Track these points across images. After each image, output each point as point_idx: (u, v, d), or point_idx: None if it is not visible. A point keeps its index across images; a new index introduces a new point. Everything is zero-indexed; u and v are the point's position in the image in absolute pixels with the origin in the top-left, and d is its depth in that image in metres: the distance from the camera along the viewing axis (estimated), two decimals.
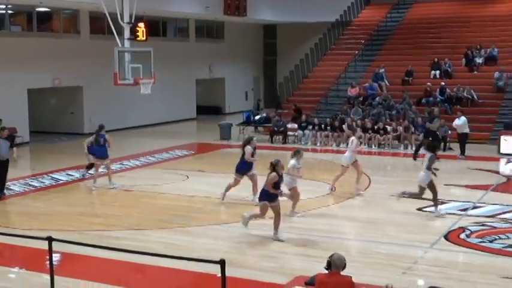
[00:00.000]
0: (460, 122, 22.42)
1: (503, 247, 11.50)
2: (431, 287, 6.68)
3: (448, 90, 27.37)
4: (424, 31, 32.84)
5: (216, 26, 37.85)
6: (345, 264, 7.00)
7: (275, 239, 11.91)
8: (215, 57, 37.09)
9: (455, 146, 22.97)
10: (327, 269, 7.01)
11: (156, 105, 31.65)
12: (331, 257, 7.05)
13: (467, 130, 22.39)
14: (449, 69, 29.23)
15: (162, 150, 23.87)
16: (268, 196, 11.88)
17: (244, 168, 15.14)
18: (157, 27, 32.99)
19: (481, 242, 11.85)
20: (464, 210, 14.18)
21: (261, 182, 12.47)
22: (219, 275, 6.75)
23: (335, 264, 6.96)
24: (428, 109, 26.17)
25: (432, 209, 13.93)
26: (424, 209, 14.37)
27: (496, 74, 27.58)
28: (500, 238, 12.06)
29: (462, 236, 12.27)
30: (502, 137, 22.75)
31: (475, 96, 26.87)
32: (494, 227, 12.81)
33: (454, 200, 15.34)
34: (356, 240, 12.14)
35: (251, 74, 41.28)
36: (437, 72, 29.22)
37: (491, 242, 11.85)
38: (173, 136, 28.65)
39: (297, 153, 13.91)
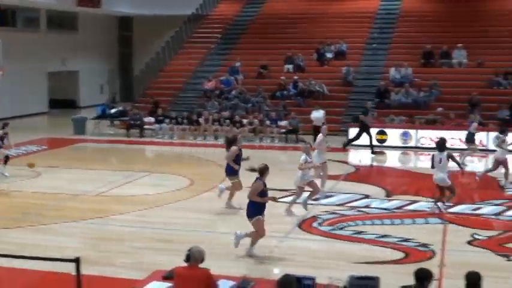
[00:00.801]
0: (319, 115, 23.31)
1: (352, 234, 12.11)
2: (285, 275, 6.90)
3: (300, 83, 28.31)
4: (278, 26, 33.60)
5: (69, 17, 36.66)
6: (204, 257, 7.10)
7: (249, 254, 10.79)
8: (68, 49, 35.92)
9: (308, 138, 23.80)
10: (186, 261, 7.07)
11: (5, 98, 30.17)
12: (190, 250, 7.12)
13: (323, 122, 23.32)
14: (301, 63, 30.21)
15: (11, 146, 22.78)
16: (260, 209, 10.68)
17: (233, 168, 14.08)
18: (5, 16, 31.43)
19: (332, 229, 12.40)
20: (317, 199, 14.73)
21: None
22: (74, 273, 6.59)
23: (194, 257, 7.05)
24: (284, 102, 26.99)
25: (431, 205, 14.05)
26: (279, 200, 14.78)
27: (344, 69, 28.88)
28: (349, 225, 12.68)
29: (315, 224, 12.78)
30: (351, 129, 23.87)
31: (326, 90, 28.00)
32: (344, 215, 13.44)
33: (307, 190, 15.87)
34: (213, 232, 12.29)
35: (106, 67, 40.43)
36: (291, 66, 30.10)
37: (341, 229, 12.42)
38: (24, 131, 27.35)
39: (306, 148, 14.04)
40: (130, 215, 13.57)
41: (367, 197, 15.23)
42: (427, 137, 23.10)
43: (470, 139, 20.51)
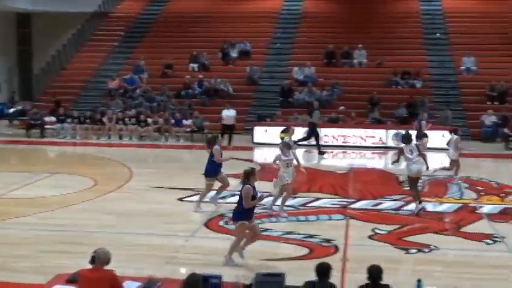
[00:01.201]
0: (230, 114, 23.43)
1: (259, 231, 12.20)
2: (192, 274, 6.92)
3: (206, 82, 28.32)
4: (182, 24, 33.45)
5: None
6: (110, 258, 7.01)
7: (229, 263, 10.15)
8: None
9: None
10: (91, 263, 6.97)
11: None
12: (95, 251, 7.02)
13: (233, 121, 23.48)
14: (206, 62, 30.23)
15: None
16: (246, 214, 10.29)
17: (214, 170, 13.75)
18: None
19: None
20: (223, 198, 14.78)
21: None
22: None
23: (99, 259, 6.96)
24: (189, 101, 26.94)
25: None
26: (185, 199, 14.76)
27: (248, 69, 29.13)
28: (256, 223, 12.78)
29: (221, 223, 12.82)
30: (256, 128, 24.14)
31: (231, 89, 28.14)
32: None
33: (213, 188, 15.88)
34: (118, 233, 12.09)
35: (4, 65, 38.90)
36: (196, 65, 30.06)
37: None
38: None
39: (284, 146, 13.61)
40: (32, 217, 13.15)
41: (271, 194, 15.39)
42: (330, 135, 23.68)
43: (420, 135, 21.18)
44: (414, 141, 14.67)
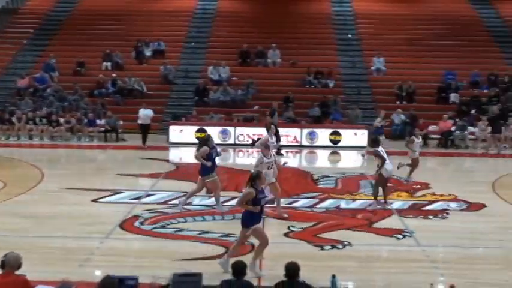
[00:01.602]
0: (147, 113, 23.14)
1: (174, 231, 12.18)
2: (107, 276, 6.83)
3: (119, 81, 27.90)
4: (95, 22, 32.80)
5: None
6: (21, 262, 6.83)
7: (255, 274, 9.57)
8: None
9: (130, 137, 23.65)
10: (1, 268, 6.77)
11: None
12: (5, 256, 6.83)
13: (149, 121, 23.23)
14: (120, 61, 29.77)
15: None
16: (256, 218, 9.83)
17: (207, 167, 13.39)
18: None
19: (154, 228, 12.38)
20: (138, 198, 14.65)
21: None
22: None
23: (9, 263, 6.77)
24: (102, 101, 26.48)
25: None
26: (98, 200, 14.51)
27: (162, 68, 28.89)
28: (171, 223, 12.74)
29: (136, 223, 12.68)
30: (171, 127, 24.00)
31: (145, 88, 27.84)
32: (166, 213, 13.47)
33: (128, 189, 15.71)
34: (29, 236, 11.76)
35: None
36: (109, 63, 29.55)
37: (163, 227, 12.44)
38: None
39: (266, 148, 13.34)
40: None
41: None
42: (245, 134, 23.82)
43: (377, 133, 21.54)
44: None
